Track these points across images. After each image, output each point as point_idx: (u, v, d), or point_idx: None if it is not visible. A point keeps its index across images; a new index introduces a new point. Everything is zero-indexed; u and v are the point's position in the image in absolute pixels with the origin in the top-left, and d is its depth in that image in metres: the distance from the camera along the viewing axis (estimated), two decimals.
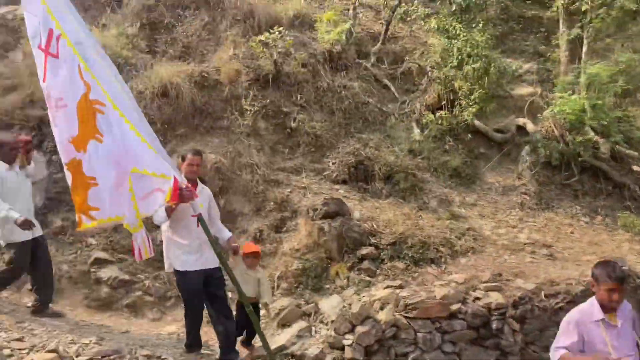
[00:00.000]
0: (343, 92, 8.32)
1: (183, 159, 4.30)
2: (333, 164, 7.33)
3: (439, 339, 4.86)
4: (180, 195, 3.57)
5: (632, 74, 8.29)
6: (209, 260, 4.13)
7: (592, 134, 8.08)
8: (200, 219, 3.76)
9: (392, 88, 9.04)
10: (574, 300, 5.21)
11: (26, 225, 4.28)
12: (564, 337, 3.11)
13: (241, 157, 6.93)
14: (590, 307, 3.11)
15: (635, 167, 8.33)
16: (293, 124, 7.60)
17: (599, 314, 3.06)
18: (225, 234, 4.47)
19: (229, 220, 6.11)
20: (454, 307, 4.90)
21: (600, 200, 7.99)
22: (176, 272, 4.22)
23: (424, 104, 8.74)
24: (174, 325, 5.41)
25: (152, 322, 5.57)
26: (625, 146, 8.42)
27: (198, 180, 4.36)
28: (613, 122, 8.08)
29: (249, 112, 7.41)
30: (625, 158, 8.42)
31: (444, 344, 4.88)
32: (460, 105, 8.40)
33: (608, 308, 3.05)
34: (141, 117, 3.58)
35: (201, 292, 4.23)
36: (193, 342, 4.50)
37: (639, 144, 8.63)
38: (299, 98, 7.99)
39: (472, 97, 8.21)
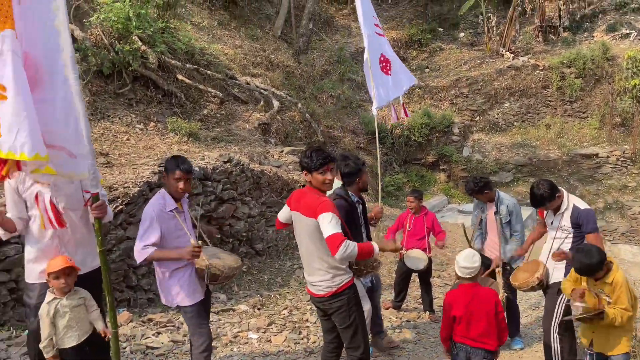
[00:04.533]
0: None
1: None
2: None
3: None
4: None
5: None
6: None
7: (139, 43, 8.38)
8: None
9: None
10: (133, 202, 5.56)
11: None
12: (148, 234, 3.22)
13: None
14: (163, 200, 3.35)
15: (179, 76, 9.25)
16: None
17: (172, 204, 3.36)
18: None
19: None
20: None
21: (152, 107, 8.58)
22: None
23: None
24: None
25: None
26: (170, 56, 9.19)
27: None
28: (157, 33, 8.58)
29: None
30: (171, 67, 9.20)
31: None
32: None
33: (176, 197, 3.40)
34: None
35: None
36: None
37: (182, 54, 9.59)
38: None
39: None
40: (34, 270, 3.19)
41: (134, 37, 8.24)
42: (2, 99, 2.59)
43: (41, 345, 3.01)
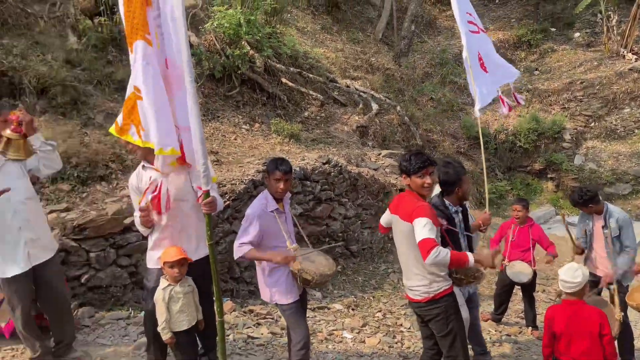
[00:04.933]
0: None
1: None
2: None
3: (113, 254, 4.78)
4: None
5: None
6: None
7: (248, 48, 8.81)
8: None
9: None
10: (239, 198, 5.87)
11: None
12: (247, 232, 3.33)
13: None
14: (265, 200, 3.45)
15: (283, 80, 9.58)
16: None
17: (273, 205, 3.44)
18: None
19: None
20: (128, 220, 4.83)
21: (257, 109, 8.99)
22: None
23: (79, 7, 7.79)
24: None
25: None
26: (275, 60, 9.55)
27: None
28: (265, 38, 8.97)
29: None
30: (275, 71, 9.57)
31: (120, 258, 4.84)
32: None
33: (278, 198, 3.47)
34: None
35: None
36: None
37: (286, 58, 9.93)
38: None
39: None
40: (152, 257, 3.49)
41: (243, 42, 8.68)
42: (139, 99, 2.92)
43: (159, 328, 3.28)
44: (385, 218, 3.60)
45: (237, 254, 3.36)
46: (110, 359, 3.73)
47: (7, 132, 3.15)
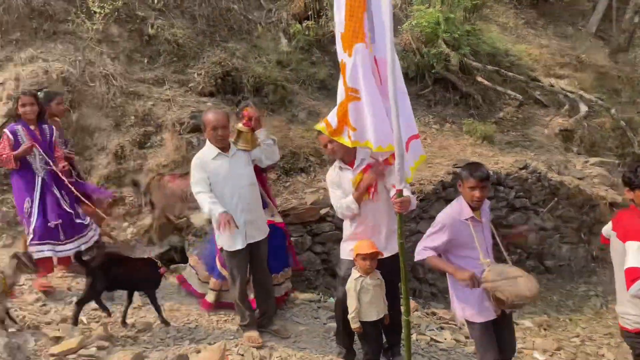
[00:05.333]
0: None
1: None
2: (198, 74, 6.95)
3: (309, 241, 5.16)
4: None
5: None
6: None
7: (444, 46, 8.64)
8: None
9: None
10: (427, 198, 5.83)
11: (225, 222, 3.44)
12: (433, 238, 3.18)
13: (93, 66, 6.27)
14: (459, 207, 3.21)
15: (479, 78, 9.18)
16: (151, 31, 6.98)
17: (467, 213, 3.16)
18: None
19: (84, 136, 5.68)
20: (323, 211, 5.18)
21: (449, 109, 8.77)
22: None
23: (290, 13, 8.55)
24: None
25: None
26: (472, 58, 9.20)
27: None
28: (463, 35, 8.70)
29: (98, 15, 6.64)
30: (470, 69, 9.22)
31: (314, 245, 5.20)
32: (326, 15, 8.36)
33: (474, 207, 3.18)
34: None
35: None
36: None
37: (484, 56, 9.50)
38: (155, 1, 7.30)
39: None
40: (346, 248, 3.67)
41: (440, 41, 8.55)
42: (357, 99, 3.10)
43: (349, 317, 3.44)
44: (607, 228, 3.23)
45: (417, 257, 3.24)
46: (305, 336, 4.04)
47: (239, 126, 3.62)
